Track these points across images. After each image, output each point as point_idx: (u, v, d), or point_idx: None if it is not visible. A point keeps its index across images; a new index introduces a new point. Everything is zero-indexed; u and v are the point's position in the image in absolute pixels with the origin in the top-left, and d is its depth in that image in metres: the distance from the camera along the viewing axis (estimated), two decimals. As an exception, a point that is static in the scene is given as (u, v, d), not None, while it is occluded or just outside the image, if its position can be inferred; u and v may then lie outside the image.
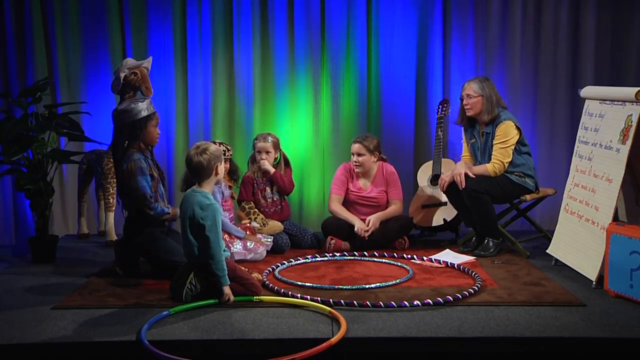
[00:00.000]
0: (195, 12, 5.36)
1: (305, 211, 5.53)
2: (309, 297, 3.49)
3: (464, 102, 4.58)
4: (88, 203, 5.28)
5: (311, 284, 3.82)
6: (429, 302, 3.43)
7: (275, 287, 3.71)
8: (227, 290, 3.46)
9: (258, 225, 4.60)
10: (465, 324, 3.18)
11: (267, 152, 4.79)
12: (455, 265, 4.19)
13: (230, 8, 5.37)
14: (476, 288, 3.64)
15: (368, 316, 3.29)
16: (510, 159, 4.43)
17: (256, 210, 4.78)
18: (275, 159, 4.86)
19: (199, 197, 3.52)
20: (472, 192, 4.35)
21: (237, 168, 4.81)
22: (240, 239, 4.36)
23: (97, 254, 4.69)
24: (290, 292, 3.60)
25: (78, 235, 5.23)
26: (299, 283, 3.84)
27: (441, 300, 3.46)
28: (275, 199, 4.86)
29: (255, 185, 4.82)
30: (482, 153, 4.56)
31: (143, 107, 4.00)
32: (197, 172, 3.56)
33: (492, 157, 4.46)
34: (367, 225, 4.66)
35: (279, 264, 4.26)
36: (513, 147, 4.44)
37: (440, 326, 3.16)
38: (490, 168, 4.43)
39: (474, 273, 3.94)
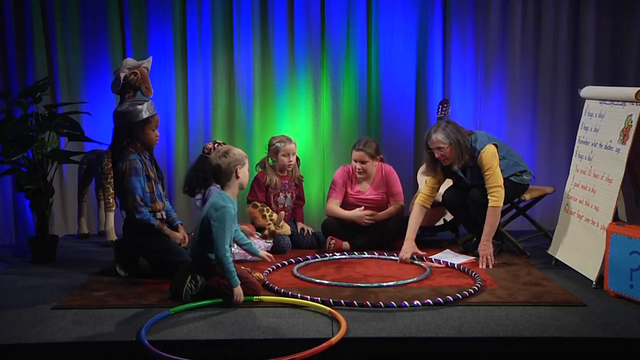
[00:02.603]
0: (195, 12, 5.37)
1: (305, 211, 5.50)
2: (309, 297, 3.49)
3: (437, 155, 4.30)
4: (88, 203, 5.28)
5: (329, 281, 3.86)
6: (429, 302, 3.43)
7: (276, 287, 3.71)
8: (236, 290, 3.45)
9: (279, 223, 4.57)
10: (465, 324, 3.18)
11: (294, 154, 4.79)
12: (455, 265, 4.19)
13: (230, 8, 5.37)
14: (476, 288, 3.64)
15: (368, 316, 3.29)
16: (502, 178, 4.27)
17: (269, 208, 4.74)
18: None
19: (217, 198, 3.53)
20: (482, 206, 4.30)
21: None
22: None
23: (97, 254, 4.69)
24: (290, 292, 3.60)
25: (78, 235, 5.23)
26: (317, 280, 3.88)
27: (441, 300, 3.46)
28: (285, 205, 4.85)
29: (270, 189, 4.80)
30: (477, 181, 4.36)
31: (143, 109, 3.99)
32: (216, 175, 3.56)
33: (489, 188, 4.23)
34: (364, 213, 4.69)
35: (293, 260, 4.27)
36: (499, 164, 4.29)
37: (440, 326, 3.16)
38: (494, 204, 4.20)
39: (474, 273, 3.94)
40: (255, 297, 3.52)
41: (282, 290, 3.65)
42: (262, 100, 5.47)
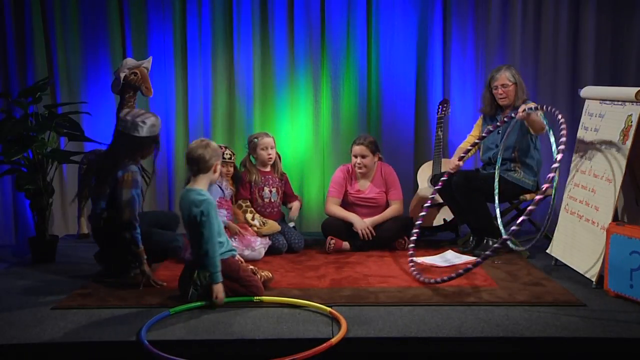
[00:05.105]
0: (195, 12, 5.37)
1: (305, 211, 5.52)
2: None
3: (499, 91, 4.52)
4: (88, 203, 5.26)
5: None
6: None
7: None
8: (217, 287, 3.41)
9: (257, 223, 4.59)
10: (465, 324, 3.18)
11: (272, 148, 4.79)
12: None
13: (230, 8, 5.37)
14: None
15: (368, 316, 3.29)
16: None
17: (252, 209, 4.75)
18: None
19: (192, 195, 3.49)
20: (464, 190, 4.36)
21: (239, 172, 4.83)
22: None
23: (97, 254, 4.69)
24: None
25: (78, 235, 5.22)
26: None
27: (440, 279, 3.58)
28: (272, 200, 4.84)
29: (252, 184, 4.80)
30: (504, 136, 4.49)
31: (157, 125, 3.99)
32: (197, 164, 3.52)
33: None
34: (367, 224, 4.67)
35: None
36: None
37: (440, 326, 3.16)
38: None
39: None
40: (255, 298, 3.52)
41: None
42: (262, 100, 5.47)
